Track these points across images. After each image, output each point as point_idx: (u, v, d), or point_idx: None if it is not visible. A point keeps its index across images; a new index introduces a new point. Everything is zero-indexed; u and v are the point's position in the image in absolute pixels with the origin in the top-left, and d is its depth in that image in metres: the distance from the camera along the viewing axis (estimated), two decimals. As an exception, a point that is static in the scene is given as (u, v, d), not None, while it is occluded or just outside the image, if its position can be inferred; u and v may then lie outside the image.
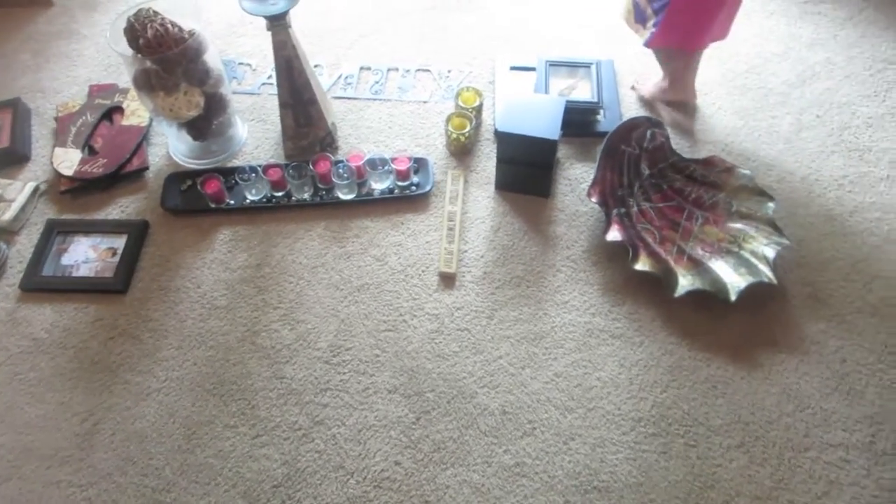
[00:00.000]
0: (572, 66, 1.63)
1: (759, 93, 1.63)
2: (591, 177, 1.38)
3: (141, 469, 1.16)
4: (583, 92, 1.58)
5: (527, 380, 1.22)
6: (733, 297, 1.22)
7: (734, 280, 1.25)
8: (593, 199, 1.34)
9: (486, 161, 1.53)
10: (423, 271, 1.37)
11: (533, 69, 1.67)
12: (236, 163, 1.57)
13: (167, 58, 1.34)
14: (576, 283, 1.33)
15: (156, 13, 1.36)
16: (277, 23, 1.33)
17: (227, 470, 1.15)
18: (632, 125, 1.39)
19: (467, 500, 1.11)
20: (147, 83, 1.39)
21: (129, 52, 1.36)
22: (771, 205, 1.32)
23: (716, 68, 1.68)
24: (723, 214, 1.35)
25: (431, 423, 1.18)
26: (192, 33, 1.37)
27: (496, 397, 1.20)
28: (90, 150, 1.58)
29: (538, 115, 1.36)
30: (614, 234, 1.31)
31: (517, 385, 1.22)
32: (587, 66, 1.61)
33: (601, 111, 1.57)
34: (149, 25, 1.33)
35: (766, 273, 1.25)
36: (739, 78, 1.66)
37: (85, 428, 1.21)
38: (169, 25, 1.34)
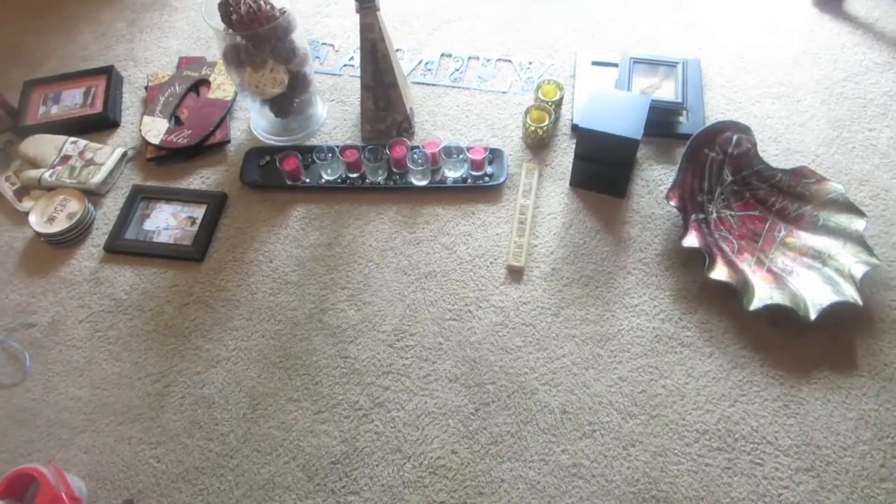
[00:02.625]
0: (657, 64, 1.59)
1: (856, 103, 1.55)
2: (671, 179, 1.34)
3: (207, 433, 1.20)
4: (666, 91, 1.53)
5: (590, 381, 1.20)
6: (813, 316, 1.17)
7: (816, 297, 1.20)
8: (672, 203, 1.30)
9: (563, 156, 1.51)
10: (491, 263, 1.36)
11: (615, 65, 1.64)
12: (314, 142, 1.60)
13: (257, 34, 1.37)
14: (647, 287, 1.30)
15: (249, -10, 1.39)
16: (367, 5, 1.34)
17: (289, 442, 1.18)
18: (718, 129, 1.35)
19: (521, 495, 1.10)
20: (236, 58, 1.42)
21: (222, 26, 1.39)
22: (862, 222, 1.26)
23: (811, 73, 1.61)
24: (808, 228, 1.29)
25: (490, 416, 1.18)
26: (282, 11, 1.39)
27: (557, 396, 1.19)
28: (176, 121, 1.63)
29: (621, 113, 1.33)
30: (691, 240, 1.27)
31: (579, 385, 1.20)
32: (673, 64, 1.56)
33: (684, 112, 1.53)
34: (242, 2, 1.36)
35: (852, 293, 1.19)
36: (837, 86, 1.58)
37: (156, 389, 1.26)
38: (262, 2, 1.36)
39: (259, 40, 1.39)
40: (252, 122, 1.64)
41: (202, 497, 1.15)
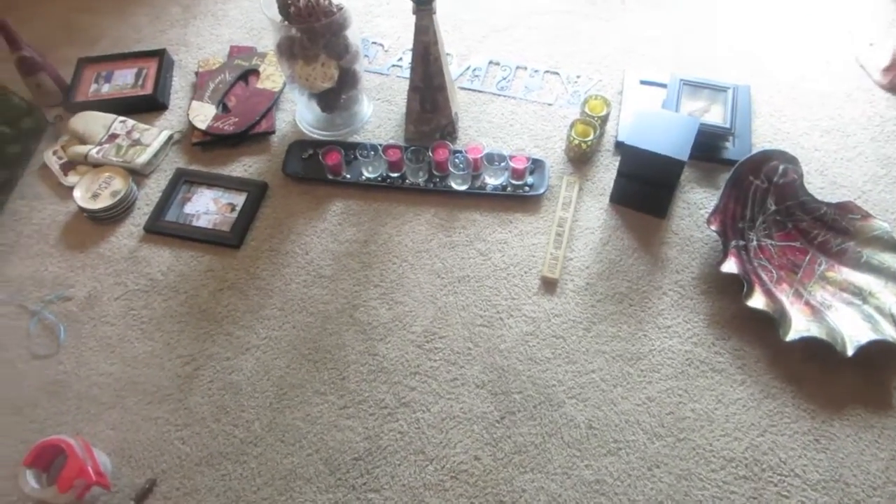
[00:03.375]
0: (707, 87, 1.58)
1: (907, 141, 1.53)
2: (713, 204, 1.33)
3: (233, 419, 1.21)
4: (715, 116, 1.52)
5: (617, 398, 1.20)
6: (850, 352, 1.15)
7: (854, 334, 1.18)
8: (713, 227, 1.29)
9: (604, 172, 1.51)
10: (525, 272, 1.36)
11: (663, 85, 1.63)
12: (357, 139, 1.61)
13: (313, 28, 1.39)
14: (681, 310, 1.29)
15: (307, -16, 1.41)
16: (424, 7, 1.35)
17: (313, 435, 1.19)
18: (765, 157, 1.34)
19: (542, 508, 1.10)
20: (290, 50, 1.44)
21: (279, 17, 1.41)
22: (906, 261, 1.24)
23: (863, 109, 1.59)
24: (850, 264, 1.28)
25: (515, 425, 1.18)
26: (339, 7, 1.40)
27: (584, 410, 1.19)
28: (224, 108, 1.66)
29: (668, 133, 1.33)
30: (730, 266, 1.26)
31: (607, 402, 1.19)
32: (723, 89, 1.55)
33: (731, 138, 1.52)
34: (301, -4, 1.38)
35: (891, 332, 1.17)
36: (888, 124, 1.56)
37: (186, 371, 1.27)
38: (320, -2, 1.38)
39: (314, 34, 1.41)
40: (298, 114, 1.66)
41: (224, 482, 1.15)
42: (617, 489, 1.11)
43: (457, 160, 1.48)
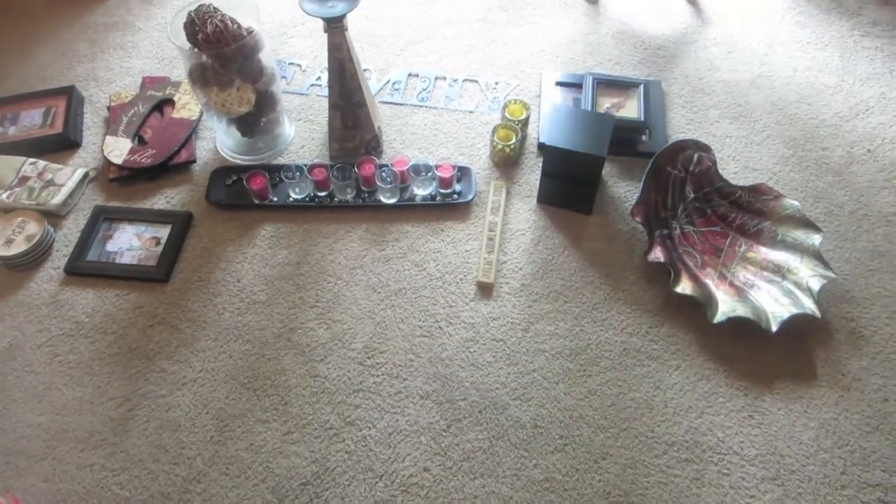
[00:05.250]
0: (619, 83, 1.63)
1: (809, 123, 1.61)
2: (635, 196, 1.37)
3: (173, 457, 1.18)
4: (629, 110, 1.57)
5: (560, 395, 1.21)
6: (775, 328, 1.20)
7: (776, 310, 1.23)
8: (637, 219, 1.33)
9: (530, 174, 1.53)
10: (460, 279, 1.37)
11: (579, 85, 1.68)
12: (282, 161, 1.59)
13: (224, 54, 1.37)
14: (614, 302, 1.32)
15: (216, 9, 1.39)
16: (335, 25, 1.35)
17: (258, 464, 1.16)
18: (679, 147, 1.39)
19: (495, 512, 1.10)
20: (202, 77, 1.42)
21: (188, 45, 1.39)
22: (818, 237, 1.30)
23: (767, 95, 1.67)
24: (767, 243, 1.33)
25: (462, 432, 1.18)
26: (249, 31, 1.39)
27: (528, 410, 1.20)
28: (140, 141, 1.61)
29: (586, 131, 1.36)
30: (656, 255, 1.30)
31: (550, 399, 1.21)
32: (635, 84, 1.61)
33: (647, 131, 1.57)
34: (209, 21, 1.36)
35: (810, 305, 1.23)
36: (791, 107, 1.64)
37: (120, 413, 1.23)
38: (228, 22, 1.36)
39: (226, 59, 1.39)
40: (218, 141, 1.63)
41: (168, 523, 1.11)
42: (566, 485, 1.12)
43: (384, 174, 1.48)
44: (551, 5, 1.95)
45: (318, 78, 1.78)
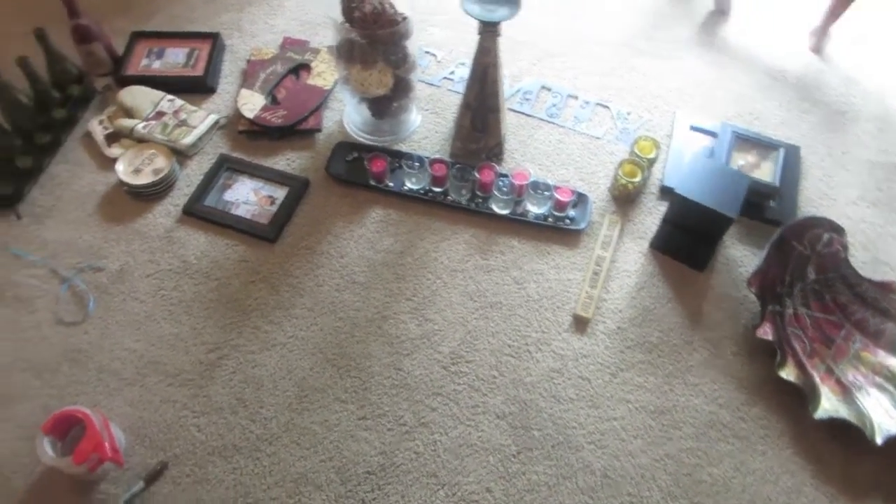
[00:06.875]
0: (758, 142, 1.57)
1: (954, 226, 1.52)
2: (755, 264, 1.32)
3: (251, 413, 1.21)
4: (763, 172, 1.52)
5: (636, 450, 1.19)
6: (880, 440, 1.14)
7: (884, 421, 1.17)
8: (752, 289, 1.29)
9: (646, 215, 1.50)
10: (557, 307, 1.35)
11: (713, 134, 1.63)
12: (402, 147, 1.60)
13: (376, 35, 1.38)
14: (710, 368, 1.28)
15: (375, -10, 1.40)
16: (491, 29, 1.34)
17: (329, 442, 1.19)
18: (810, 223, 1.33)
19: (549, 550, 1.09)
20: (349, 53, 1.44)
21: (341, 19, 1.40)
22: (944, 352, 1.23)
23: (909, 188, 1.58)
24: (887, 346, 1.27)
25: (531, 462, 1.17)
26: (404, 17, 1.40)
27: (601, 458, 1.18)
28: (273, 100, 1.65)
29: (719, 187, 1.32)
30: (765, 332, 1.25)
31: (625, 453, 1.19)
32: (775, 147, 1.55)
33: (777, 198, 1.51)
34: (367, 1, 1.37)
35: (921, 423, 1.16)
36: (936, 205, 1.55)
37: (209, 358, 1.27)
38: (387, 5, 1.37)
39: (375, 41, 1.40)
40: (346, 115, 1.66)
41: (234, 476, 1.15)
42: (626, 542, 1.10)
43: (502, 184, 1.47)
44: (697, 43, 1.89)
45: (452, 72, 1.78)
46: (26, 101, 1.52)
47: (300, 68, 1.73)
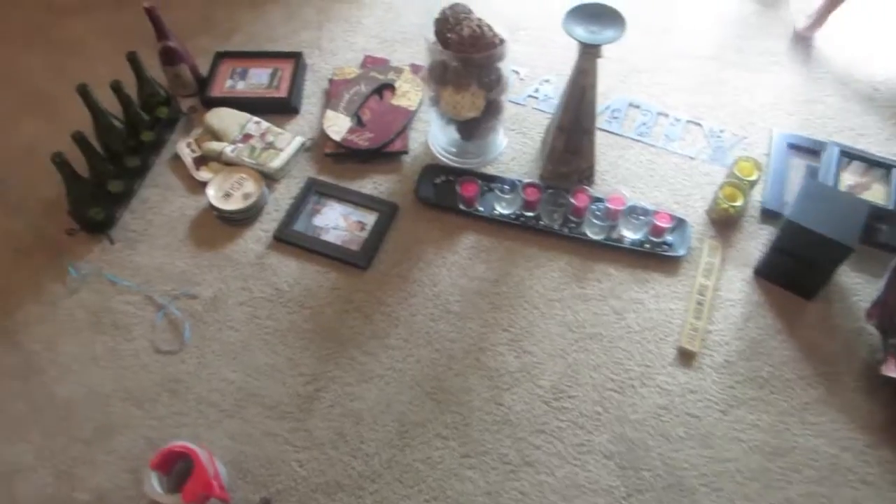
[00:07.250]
0: (868, 161, 1.49)
1: None
2: (867, 291, 1.26)
3: (352, 449, 1.20)
4: (875, 194, 1.44)
5: (753, 494, 1.14)
6: None
7: None
8: (872, 322, 1.22)
9: (749, 240, 1.44)
10: (660, 339, 1.30)
11: (815, 152, 1.55)
12: (490, 170, 1.57)
13: (472, 58, 1.35)
14: (829, 406, 1.22)
15: (470, 10, 1.37)
16: (591, 51, 1.30)
17: (432, 480, 1.16)
18: (932, 251, 1.25)
19: None
20: (442, 75, 1.41)
21: (433, 39, 1.38)
22: None
23: None
24: None
25: (643, 505, 1.13)
26: (502, 40, 1.36)
27: (716, 501, 1.13)
28: (359, 121, 1.64)
29: (836, 214, 1.25)
30: (890, 370, 1.18)
31: (741, 497, 1.13)
32: (889, 166, 1.46)
33: (891, 221, 1.42)
34: (465, 23, 1.34)
35: None
36: None
37: (308, 391, 1.26)
38: (486, 28, 1.34)
39: (470, 64, 1.37)
40: (431, 136, 1.63)
41: (338, 514, 1.14)
42: None
43: (596, 209, 1.43)
44: (793, 55, 1.80)
45: (536, 90, 1.74)
46: (119, 125, 1.54)
47: (384, 88, 1.71)
